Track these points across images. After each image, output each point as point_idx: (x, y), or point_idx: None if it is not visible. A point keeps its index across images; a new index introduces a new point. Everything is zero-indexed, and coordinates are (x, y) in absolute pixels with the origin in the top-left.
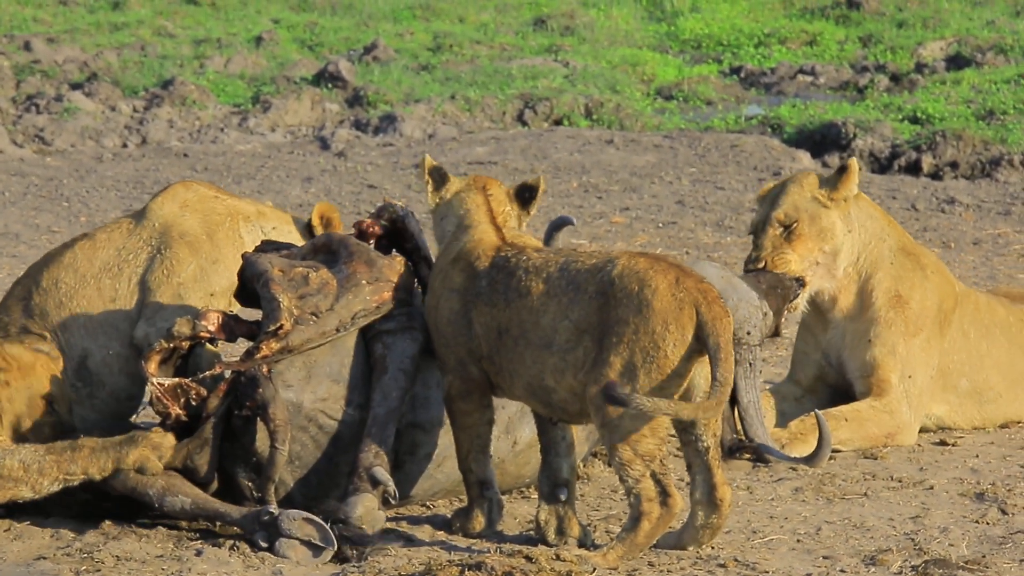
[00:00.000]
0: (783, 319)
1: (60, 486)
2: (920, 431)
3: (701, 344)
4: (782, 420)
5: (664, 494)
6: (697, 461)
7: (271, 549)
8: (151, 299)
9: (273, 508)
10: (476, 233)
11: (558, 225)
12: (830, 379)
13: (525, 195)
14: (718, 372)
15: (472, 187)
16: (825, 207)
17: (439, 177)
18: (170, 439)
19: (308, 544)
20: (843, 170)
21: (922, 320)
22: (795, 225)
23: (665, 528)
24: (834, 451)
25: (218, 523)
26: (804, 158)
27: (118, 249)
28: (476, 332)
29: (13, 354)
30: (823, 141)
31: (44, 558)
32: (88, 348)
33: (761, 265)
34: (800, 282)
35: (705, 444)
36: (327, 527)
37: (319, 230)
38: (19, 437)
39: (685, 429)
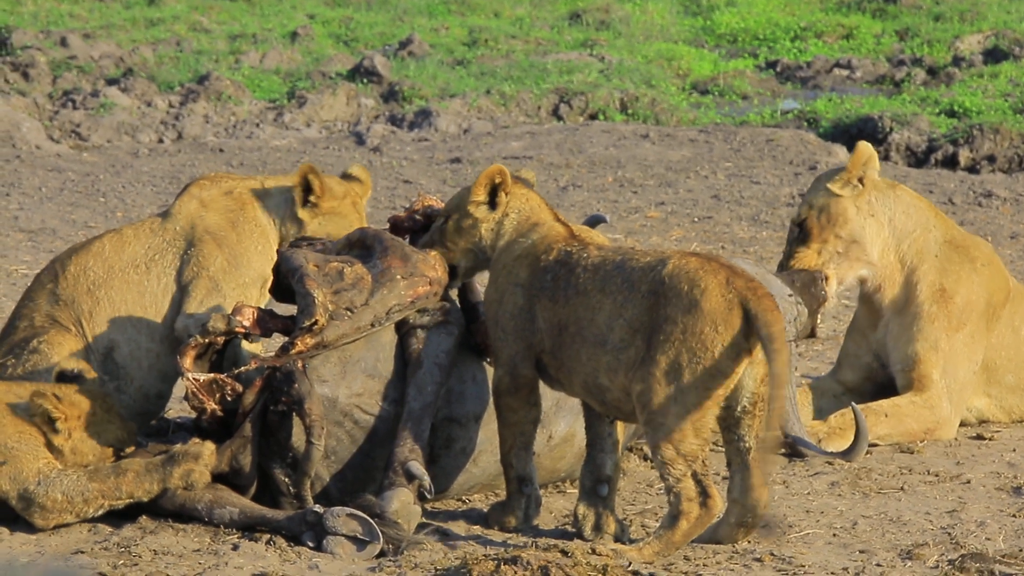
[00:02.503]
0: (818, 319)
1: (105, 511)
2: (959, 425)
3: (753, 338)
4: (819, 416)
5: (704, 494)
6: (737, 460)
7: (319, 547)
8: (188, 294)
9: (317, 507)
10: (545, 229)
11: (592, 222)
12: (879, 379)
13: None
14: (774, 365)
15: (520, 183)
16: (835, 195)
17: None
18: (209, 446)
19: (354, 539)
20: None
21: (966, 315)
22: (805, 221)
23: (703, 528)
24: (871, 445)
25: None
26: (840, 152)
27: (146, 246)
28: (539, 327)
29: (75, 399)
30: (859, 135)
31: (82, 552)
32: (115, 340)
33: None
34: (821, 276)
35: (747, 444)
36: (371, 521)
37: (299, 192)
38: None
39: (729, 428)
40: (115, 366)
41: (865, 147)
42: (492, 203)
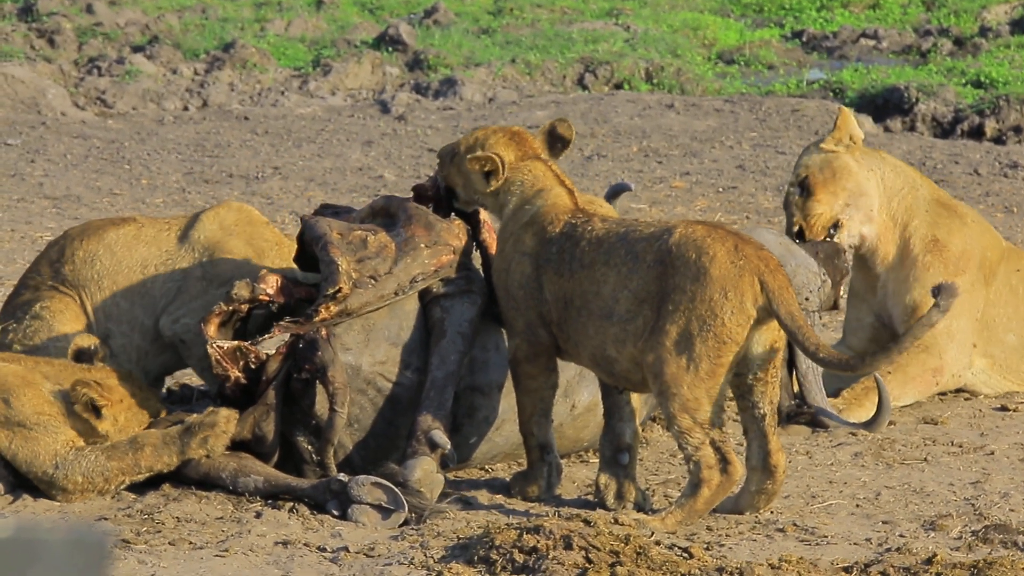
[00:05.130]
0: (840, 291)
1: (127, 485)
2: (981, 396)
3: (769, 316)
4: (832, 385)
5: (724, 461)
6: (753, 427)
7: (344, 516)
8: (178, 296)
9: (342, 476)
10: (551, 197)
11: (617, 191)
12: (883, 340)
13: (556, 144)
14: (800, 340)
15: (524, 155)
16: (831, 151)
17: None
18: (224, 413)
19: (378, 508)
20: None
21: (963, 263)
22: (808, 178)
23: (725, 495)
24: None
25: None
26: (866, 123)
27: (161, 251)
28: (546, 298)
29: (112, 384)
30: (885, 106)
31: (105, 518)
32: (111, 330)
33: (796, 229)
34: (843, 248)
35: (762, 411)
36: (396, 490)
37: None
38: None
39: (743, 395)
40: (108, 352)
41: (849, 111)
42: (487, 180)
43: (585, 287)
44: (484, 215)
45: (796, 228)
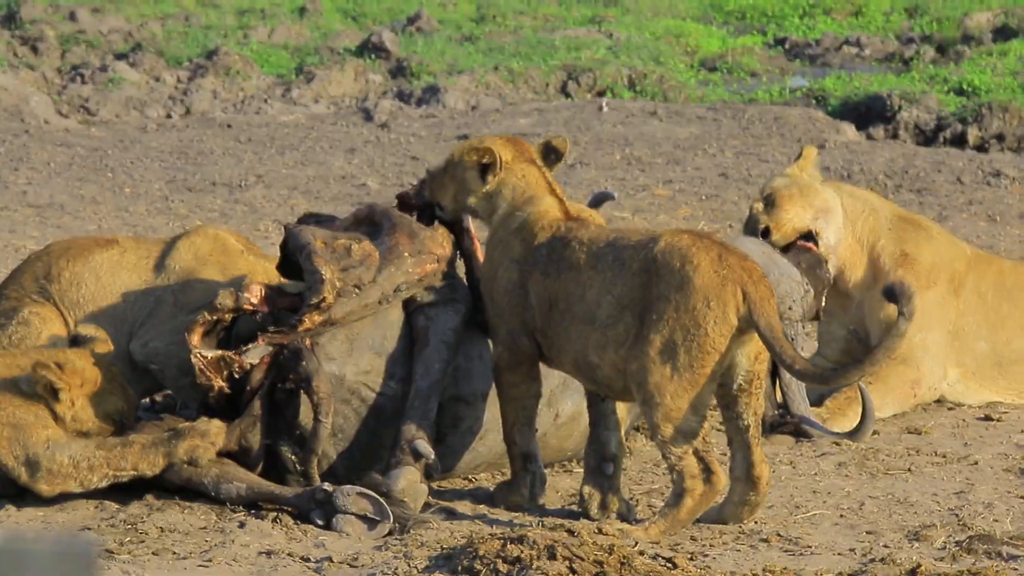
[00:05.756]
0: (822, 302)
1: (109, 482)
2: (965, 407)
3: (750, 326)
4: (815, 394)
5: (707, 471)
6: (737, 438)
7: (328, 526)
8: (150, 319)
9: (327, 485)
10: (541, 205)
11: (600, 199)
12: (857, 353)
13: (550, 156)
14: (777, 351)
15: (520, 158)
16: (795, 175)
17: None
18: (216, 424)
19: (363, 518)
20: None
21: (934, 275)
22: (773, 194)
23: (708, 505)
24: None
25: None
26: (849, 130)
27: (140, 279)
28: (531, 304)
29: (77, 367)
30: (868, 113)
31: (89, 528)
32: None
33: (762, 227)
34: (824, 258)
35: (746, 423)
36: (381, 501)
37: None
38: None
39: (727, 406)
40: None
41: (814, 150)
42: (483, 177)
43: (570, 289)
44: (469, 223)
45: (763, 226)
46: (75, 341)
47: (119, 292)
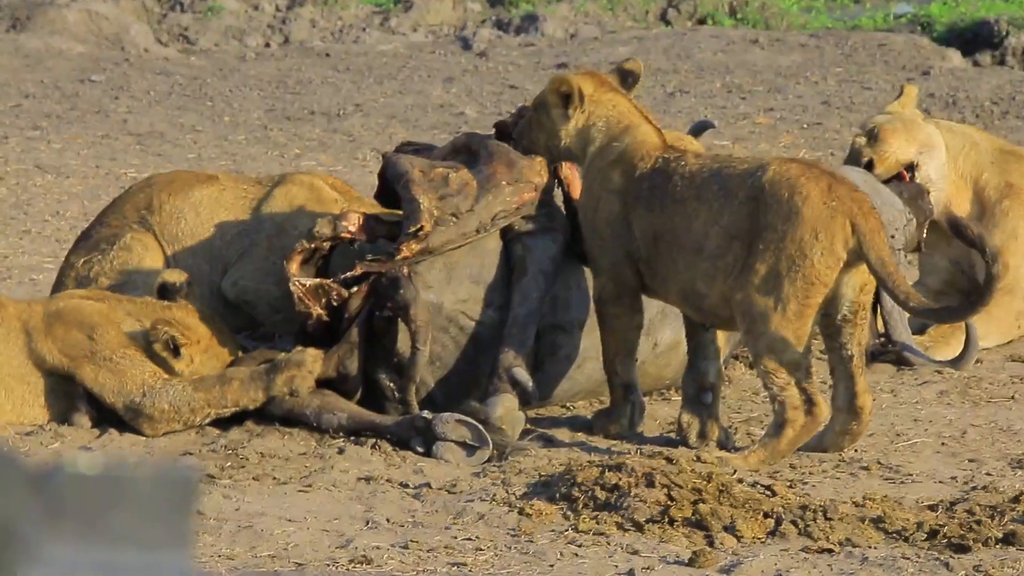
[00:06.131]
0: (923, 233)
1: (212, 420)
2: None
3: (859, 259)
4: (917, 322)
5: (809, 402)
6: (840, 368)
7: (428, 453)
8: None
9: (426, 413)
10: (639, 134)
11: (700, 128)
12: (960, 285)
13: (627, 80)
14: (890, 286)
15: (603, 88)
16: (898, 111)
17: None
18: (312, 353)
19: (463, 445)
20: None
21: None
22: (876, 128)
23: (809, 436)
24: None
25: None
26: (955, 57)
27: (237, 219)
28: (635, 236)
29: (190, 324)
30: (974, 39)
31: (190, 453)
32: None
33: (865, 160)
34: (926, 190)
35: (849, 352)
36: (480, 428)
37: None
38: None
39: (831, 336)
40: (194, 290)
41: (915, 89)
42: (566, 111)
43: (676, 222)
44: None
45: (866, 160)
46: (163, 289)
47: (216, 230)
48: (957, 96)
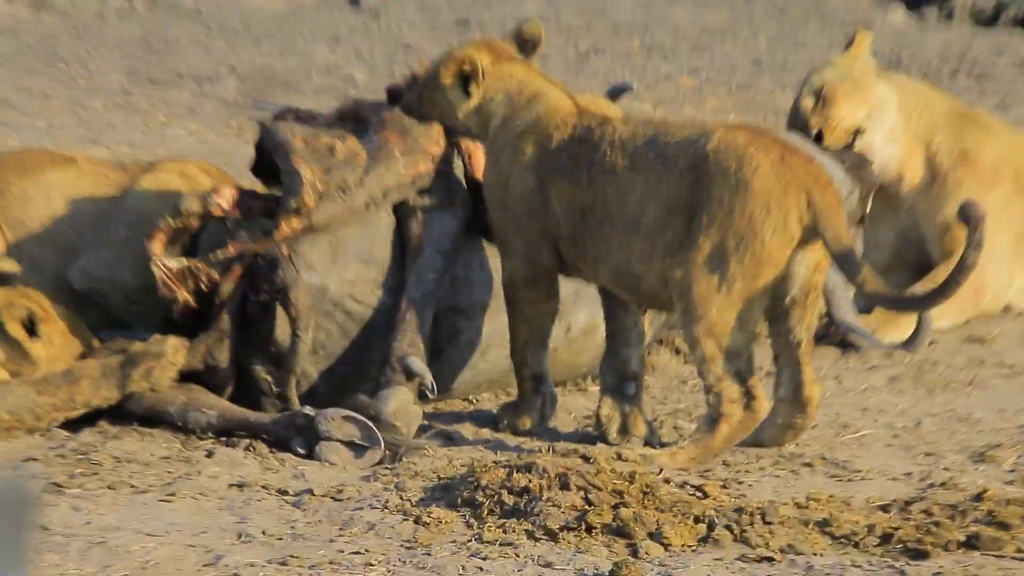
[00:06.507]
0: (868, 205)
1: (61, 422)
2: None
3: (814, 237)
4: (860, 301)
5: (749, 395)
6: (786, 355)
7: (310, 454)
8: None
9: (308, 409)
10: (548, 102)
11: (617, 91)
12: (908, 259)
13: (526, 47)
14: (846, 268)
15: (501, 58)
16: (847, 66)
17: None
18: (172, 341)
19: (350, 445)
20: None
21: (997, 175)
22: (825, 88)
23: (745, 433)
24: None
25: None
26: (898, 12)
27: (95, 207)
28: (554, 211)
29: (45, 305)
30: None
31: (34, 459)
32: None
33: (815, 131)
34: (868, 160)
35: (797, 338)
36: (370, 425)
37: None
38: None
39: (777, 319)
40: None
41: (868, 34)
42: (466, 90)
43: (607, 195)
44: None
45: (815, 130)
46: None
47: (69, 217)
48: (901, 55)
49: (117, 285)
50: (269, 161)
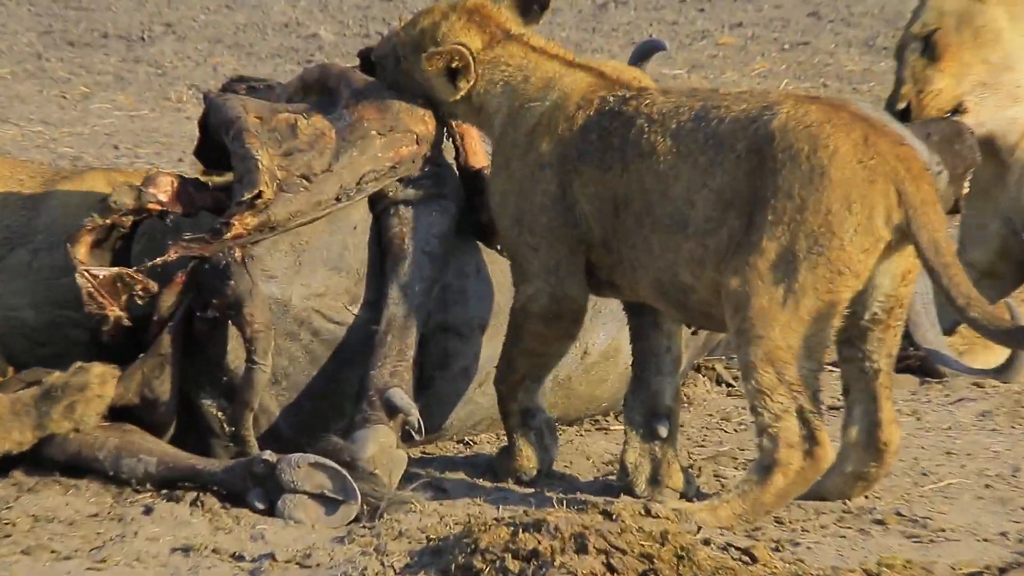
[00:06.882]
0: (963, 187)
1: None
2: None
3: (906, 240)
4: (948, 317)
5: (811, 439)
6: (860, 386)
7: (271, 510)
8: None
9: (268, 454)
10: (564, 85)
11: (645, 52)
12: (1015, 253)
13: (532, 8)
14: (945, 283)
15: (496, 39)
16: (980, 1)
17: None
18: (99, 370)
19: (319, 498)
20: None
21: None
22: (937, 34)
23: (805, 486)
24: None
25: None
26: None
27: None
28: (583, 211)
29: None
30: None
31: None
32: None
33: (903, 104)
34: (968, 128)
35: (875, 365)
36: (345, 474)
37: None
38: None
39: (851, 342)
40: None
41: None
42: (455, 83)
43: (646, 185)
44: None
45: (903, 104)
46: None
47: None
48: None
49: (15, 325)
50: (217, 143)
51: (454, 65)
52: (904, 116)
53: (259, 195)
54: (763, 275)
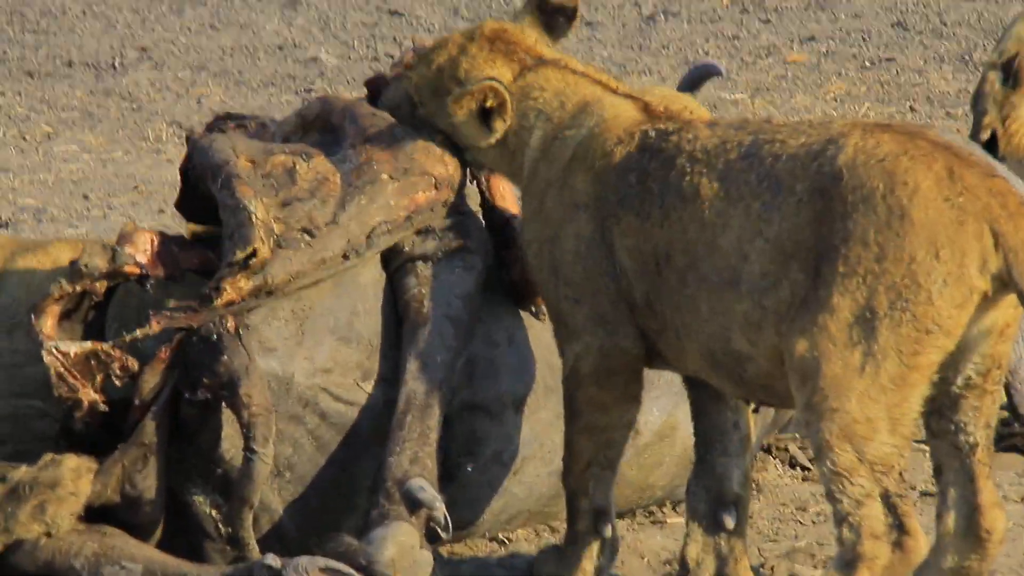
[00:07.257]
0: None
1: None
2: None
3: (1005, 290)
4: None
5: (899, 528)
6: (954, 465)
7: None
8: None
9: (271, 558)
10: (604, 111)
11: (699, 76)
12: None
13: (557, 21)
14: None
15: (527, 66)
16: None
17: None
18: (72, 464)
19: None
20: None
21: None
22: (1016, 60)
23: None
24: None
25: None
26: None
27: None
28: (623, 266)
29: None
30: None
31: None
32: None
33: (986, 134)
34: None
35: (971, 439)
36: None
37: None
38: None
39: (941, 412)
40: None
41: None
42: (489, 125)
43: (690, 235)
44: None
45: (986, 134)
46: None
47: None
48: None
49: None
50: (202, 192)
51: (488, 105)
52: (990, 147)
53: (253, 254)
54: (835, 337)
